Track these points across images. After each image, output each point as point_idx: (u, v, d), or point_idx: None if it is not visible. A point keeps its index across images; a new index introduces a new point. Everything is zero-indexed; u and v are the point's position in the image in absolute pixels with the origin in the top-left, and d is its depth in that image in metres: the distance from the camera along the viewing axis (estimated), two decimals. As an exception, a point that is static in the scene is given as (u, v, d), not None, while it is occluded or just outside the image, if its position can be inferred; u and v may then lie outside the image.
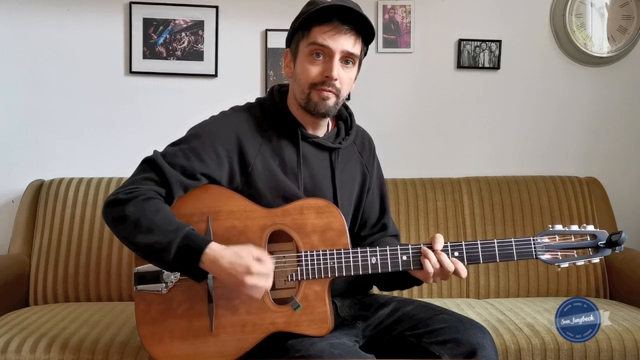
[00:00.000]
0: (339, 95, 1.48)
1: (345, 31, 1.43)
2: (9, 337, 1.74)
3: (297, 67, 1.48)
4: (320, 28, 1.43)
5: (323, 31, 1.43)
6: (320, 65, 1.44)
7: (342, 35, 1.43)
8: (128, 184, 1.41)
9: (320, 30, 1.43)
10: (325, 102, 1.46)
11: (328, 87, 1.45)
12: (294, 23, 1.49)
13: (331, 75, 1.43)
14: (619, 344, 1.79)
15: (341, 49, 1.43)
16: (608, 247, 1.42)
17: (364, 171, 1.64)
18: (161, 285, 1.44)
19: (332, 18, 1.42)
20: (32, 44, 2.50)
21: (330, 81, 1.44)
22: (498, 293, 2.32)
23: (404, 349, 1.46)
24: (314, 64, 1.45)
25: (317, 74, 1.44)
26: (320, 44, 1.43)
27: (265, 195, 1.47)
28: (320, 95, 1.45)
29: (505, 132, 2.67)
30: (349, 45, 1.44)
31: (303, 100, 1.48)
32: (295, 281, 1.43)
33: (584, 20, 2.61)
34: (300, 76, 1.47)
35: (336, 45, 1.43)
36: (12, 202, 2.50)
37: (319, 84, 1.45)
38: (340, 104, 1.52)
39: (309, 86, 1.45)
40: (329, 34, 1.42)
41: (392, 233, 1.69)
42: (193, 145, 1.45)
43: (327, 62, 1.44)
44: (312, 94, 1.46)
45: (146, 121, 2.55)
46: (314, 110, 1.47)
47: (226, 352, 1.41)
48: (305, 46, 1.45)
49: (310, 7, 1.45)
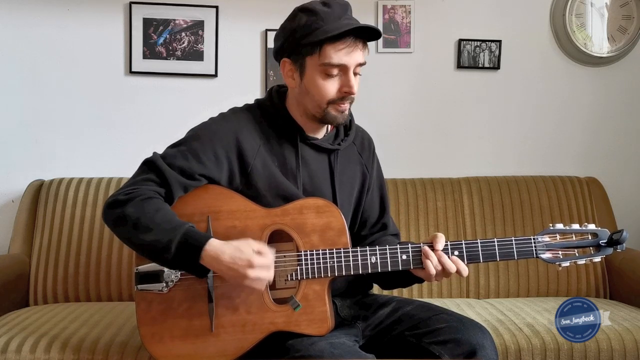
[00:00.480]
0: (353, 101, 1.50)
1: (357, 46, 1.42)
2: (9, 337, 1.74)
3: (309, 83, 1.45)
4: (334, 45, 1.40)
5: (337, 49, 1.41)
6: (337, 81, 1.44)
7: (355, 50, 1.42)
8: (128, 185, 1.42)
9: (334, 48, 1.40)
10: (344, 114, 1.48)
11: (346, 101, 1.46)
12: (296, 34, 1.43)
13: (351, 91, 1.44)
14: (619, 344, 1.79)
15: (355, 63, 1.44)
16: (609, 246, 1.42)
17: (364, 171, 1.64)
18: (161, 285, 1.44)
19: (345, 35, 1.40)
20: (32, 44, 2.50)
21: (349, 96, 1.45)
22: (498, 293, 2.32)
23: (404, 349, 1.46)
24: (330, 81, 1.44)
25: (335, 91, 1.44)
26: (336, 64, 1.42)
27: (264, 196, 1.47)
28: (337, 109, 1.46)
29: (505, 132, 2.67)
30: (361, 57, 1.44)
31: (319, 114, 1.47)
32: (295, 281, 1.43)
33: (584, 20, 2.61)
34: (315, 93, 1.45)
35: (351, 61, 1.42)
36: (12, 202, 2.50)
37: (337, 100, 1.45)
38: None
39: (327, 103, 1.45)
40: (344, 51, 1.41)
41: (392, 232, 1.69)
42: (192, 147, 1.46)
43: (343, 77, 1.44)
44: (329, 109, 1.46)
45: (146, 121, 2.55)
46: (332, 122, 1.50)
47: (226, 352, 1.41)
48: (318, 64, 1.42)
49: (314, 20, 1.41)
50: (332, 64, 1.41)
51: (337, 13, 1.42)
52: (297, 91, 1.49)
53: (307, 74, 1.45)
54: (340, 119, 1.49)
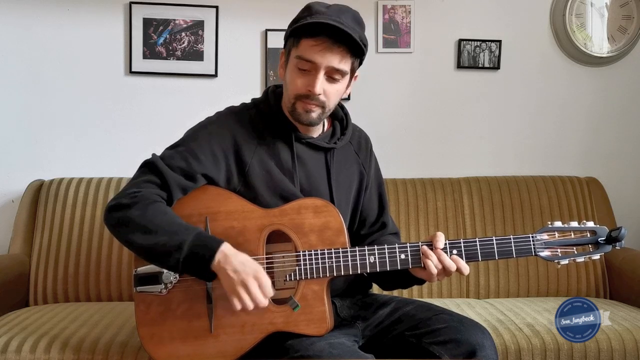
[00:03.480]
0: (325, 107, 1.47)
1: (333, 48, 1.40)
2: (9, 337, 1.74)
3: (287, 74, 1.48)
4: (308, 41, 1.41)
5: (310, 45, 1.41)
6: (306, 77, 1.43)
7: (329, 52, 1.40)
8: (129, 188, 1.42)
9: (308, 44, 1.41)
10: (309, 114, 1.46)
11: (312, 101, 1.44)
12: (289, 27, 1.47)
13: (313, 90, 1.42)
14: (619, 344, 1.79)
15: (326, 65, 1.41)
16: (608, 243, 1.42)
17: (361, 170, 1.63)
18: (160, 287, 1.45)
19: (320, 33, 1.39)
20: (32, 44, 2.50)
21: (313, 95, 1.43)
22: (498, 293, 2.32)
23: (404, 349, 1.46)
24: (300, 75, 1.44)
25: (301, 86, 1.44)
26: (306, 59, 1.42)
27: (262, 195, 1.48)
28: (304, 107, 1.45)
29: (505, 132, 2.67)
30: (335, 61, 1.41)
31: (289, 108, 1.49)
32: (294, 281, 1.43)
33: (584, 20, 2.61)
34: (288, 85, 1.47)
35: (322, 61, 1.41)
36: (12, 202, 2.50)
37: (303, 96, 1.45)
38: (328, 114, 1.51)
39: (295, 97, 1.46)
40: (316, 48, 1.40)
41: (392, 231, 1.69)
42: (190, 147, 1.46)
43: (312, 75, 1.43)
44: (297, 104, 1.46)
45: (146, 121, 2.55)
46: (297, 119, 1.49)
47: (225, 353, 1.41)
48: (294, 57, 1.44)
49: (305, 14, 1.44)
50: (303, 58, 1.42)
51: (329, 13, 1.41)
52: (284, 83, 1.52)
53: (289, 64, 1.47)
54: (304, 119, 1.47)
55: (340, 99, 1.53)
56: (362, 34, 1.44)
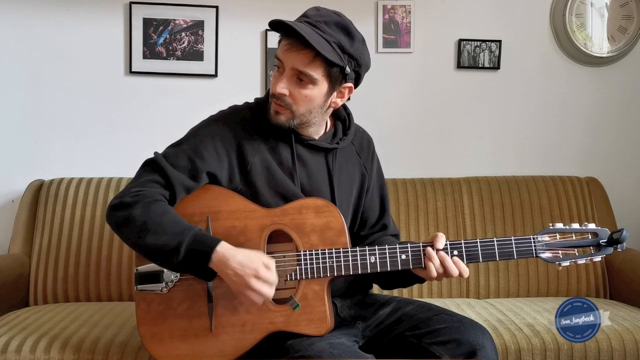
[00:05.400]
0: (294, 112, 1.45)
1: (300, 50, 1.39)
2: (9, 337, 1.74)
3: None
4: (283, 41, 1.43)
5: (283, 44, 1.42)
6: (277, 77, 1.44)
7: (295, 53, 1.39)
8: (132, 187, 1.42)
9: (282, 43, 1.43)
10: (277, 116, 1.46)
11: (277, 101, 1.44)
12: None
13: (273, 89, 1.43)
14: (619, 344, 1.79)
15: (291, 66, 1.41)
16: (609, 245, 1.42)
17: (363, 172, 1.63)
18: (161, 285, 1.45)
19: (292, 34, 1.38)
20: (32, 44, 2.50)
21: (276, 94, 1.43)
22: (498, 293, 2.32)
23: (404, 349, 1.46)
24: (275, 75, 1.46)
25: (272, 85, 1.46)
26: (277, 57, 1.43)
27: (264, 194, 1.48)
28: (274, 108, 1.46)
29: (505, 132, 2.67)
30: (299, 63, 1.39)
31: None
32: (295, 281, 1.43)
33: (584, 20, 2.61)
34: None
35: (287, 61, 1.41)
36: (12, 202, 2.50)
37: (274, 97, 1.45)
38: (301, 120, 1.47)
39: (271, 96, 1.47)
40: (284, 48, 1.41)
41: (392, 232, 1.69)
42: (193, 145, 1.46)
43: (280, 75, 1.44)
44: (271, 104, 1.47)
45: (146, 121, 2.55)
46: (270, 119, 1.48)
47: (226, 352, 1.41)
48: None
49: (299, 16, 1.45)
50: (276, 57, 1.44)
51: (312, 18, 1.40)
52: None
53: None
54: (273, 119, 1.46)
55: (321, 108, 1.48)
56: (344, 42, 1.40)
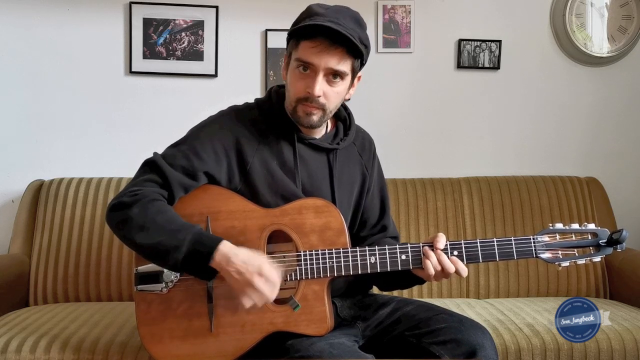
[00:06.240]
0: (326, 110, 1.46)
1: (330, 49, 1.40)
2: (9, 337, 1.74)
3: (289, 76, 1.48)
4: (307, 43, 1.41)
5: (309, 47, 1.41)
6: (305, 80, 1.43)
7: (326, 53, 1.40)
8: (130, 187, 1.42)
9: (306, 46, 1.41)
10: (310, 117, 1.46)
11: (312, 103, 1.44)
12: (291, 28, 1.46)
13: (312, 92, 1.42)
14: (619, 344, 1.79)
15: (325, 67, 1.41)
16: (609, 246, 1.42)
17: (364, 172, 1.63)
18: (161, 285, 1.45)
19: (318, 35, 1.39)
20: (32, 44, 2.50)
21: (312, 98, 1.43)
22: (498, 293, 2.32)
23: (404, 349, 1.46)
24: (300, 78, 1.44)
25: (301, 89, 1.44)
26: (305, 61, 1.41)
27: (263, 194, 1.48)
28: (304, 110, 1.45)
29: (505, 132, 2.67)
30: (333, 62, 1.41)
31: (290, 111, 1.49)
32: (295, 281, 1.43)
33: (584, 20, 2.61)
34: (290, 87, 1.47)
35: (320, 63, 1.40)
36: (12, 202, 2.50)
37: (303, 99, 1.44)
38: (330, 116, 1.51)
39: (296, 100, 1.46)
40: (314, 50, 1.40)
41: (392, 234, 1.69)
42: (192, 145, 1.46)
43: (312, 77, 1.42)
44: (297, 108, 1.46)
45: (146, 121, 2.55)
46: (298, 122, 1.49)
47: (225, 352, 1.41)
48: (294, 59, 1.44)
49: (304, 16, 1.43)
50: (302, 60, 1.42)
51: (327, 14, 1.41)
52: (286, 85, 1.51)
53: (290, 66, 1.47)
54: (305, 122, 1.47)
55: (342, 101, 1.53)
56: (362, 34, 1.43)
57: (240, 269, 1.32)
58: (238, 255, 1.33)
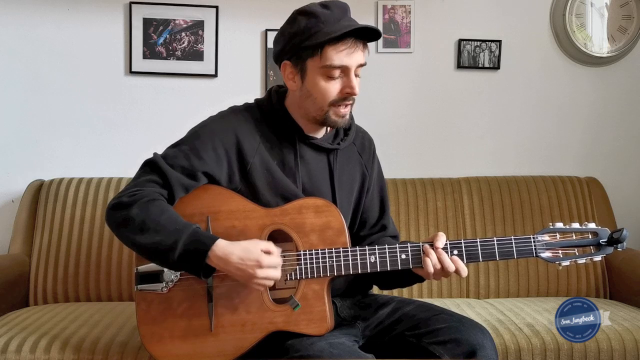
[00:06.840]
0: (354, 103, 1.50)
1: (358, 46, 1.43)
2: (9, 337, 1.74)
3: (310, 86, 1.45)
4: (334, 47, 1.40)
5: (338, 50, 1.41)
6: (338, 83, 1.44)
7: (356, 51, 1.42)
8: (130, 187, 1.42)
9: (334, 50, 1.41)
10: (345, 117, 1.49)
11: (348, 102, 1.46)
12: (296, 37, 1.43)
13: (353, 91, 1.44)
14: (619, 344, 1.79)
15: (356, 64, 1.44)
16: (610, 245, 1.42)
17: (364, 172, 1.64)
18: (161, 285, 1.45)
19: (345, 37, 1.40)
20: (32, 44, 2.50)
21: (351, 96, 1.45)
22: (498, 293, 2.31)
23: (404, 349, 1.46)
24: (332, 82, 1.44)
25: (336, 93, 1.44)
26: (337, 66, 1.41)
27: (264, 194, 1.48)
28: (338, 113, 1.46)
29: (505, 132, 2.67)
30: (362, 58, 1.45)
31: (320, 116, 1.48)
32: (295, 280, 1.43)
33: (584, 20, 2.61)
34: (317, 95, 1.45)
35: (352, 62, 1.42)
36: (12, 202, 2.50)
37: (339, 101, 1.45)
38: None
39: (328, 105, 1.45)
40: (345, 52, 1.41)
41: (392, 234, 1.69)
42: (192, 145, 1.46)
43: (345, 78, 1.43)
44: (330, 112, 1.46)
45: (146, 121, 2.55)
46: (332, 125, 1.51)
47: (225, 352, 1.41)
48: (319, 67, 1.42)
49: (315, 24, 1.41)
50: (334, 66, 1.41)
51: (337, 15, 1.42)
52: (298, 94, 1.49)
53: (308, 76, 1.45)
54: (340, 123, 1.49)
55: None
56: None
57: (239, 266, 1.33)
58: (234, 254, 1.34)
